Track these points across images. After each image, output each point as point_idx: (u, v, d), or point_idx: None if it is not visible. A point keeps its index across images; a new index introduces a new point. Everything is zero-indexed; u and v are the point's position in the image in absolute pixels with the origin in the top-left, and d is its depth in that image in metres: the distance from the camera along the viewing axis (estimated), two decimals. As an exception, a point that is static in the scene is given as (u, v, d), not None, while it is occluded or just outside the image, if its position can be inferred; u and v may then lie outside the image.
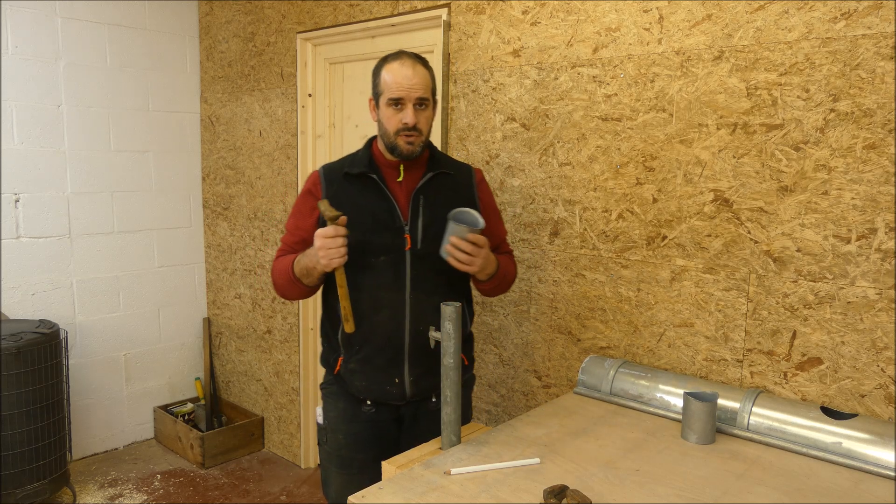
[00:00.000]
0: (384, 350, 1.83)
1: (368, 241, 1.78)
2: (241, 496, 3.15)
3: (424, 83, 1.75)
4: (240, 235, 3.64)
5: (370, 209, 1.80)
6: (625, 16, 2.02)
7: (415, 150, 1.78)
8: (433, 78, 1.81)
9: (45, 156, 3.24)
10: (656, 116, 1.98)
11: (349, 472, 1.93)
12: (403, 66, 1.74)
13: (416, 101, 1.74)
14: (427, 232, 1.81)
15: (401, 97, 1.72)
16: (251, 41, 3.41)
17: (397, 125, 1.74)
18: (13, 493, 2.74)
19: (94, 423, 3.52)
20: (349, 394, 1.91)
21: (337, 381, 1.94)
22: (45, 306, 3.29)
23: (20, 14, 3.11)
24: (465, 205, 1.81)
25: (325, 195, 1.82)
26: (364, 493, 1.40)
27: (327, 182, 1.84)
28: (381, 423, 1.93)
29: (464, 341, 1.95)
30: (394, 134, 1.76)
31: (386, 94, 1.75)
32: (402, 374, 1.85)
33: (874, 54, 1.60)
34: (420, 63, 1.77)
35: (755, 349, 1.85)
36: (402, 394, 1.86)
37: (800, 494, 1.41)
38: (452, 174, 1.88)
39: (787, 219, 1.76)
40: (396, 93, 1.72)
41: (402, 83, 1.72)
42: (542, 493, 1.35)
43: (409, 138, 1.75)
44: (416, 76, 1.73)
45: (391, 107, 1.74)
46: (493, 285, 1.88)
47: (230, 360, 3.84)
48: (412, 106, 1.73)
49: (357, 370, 1.86)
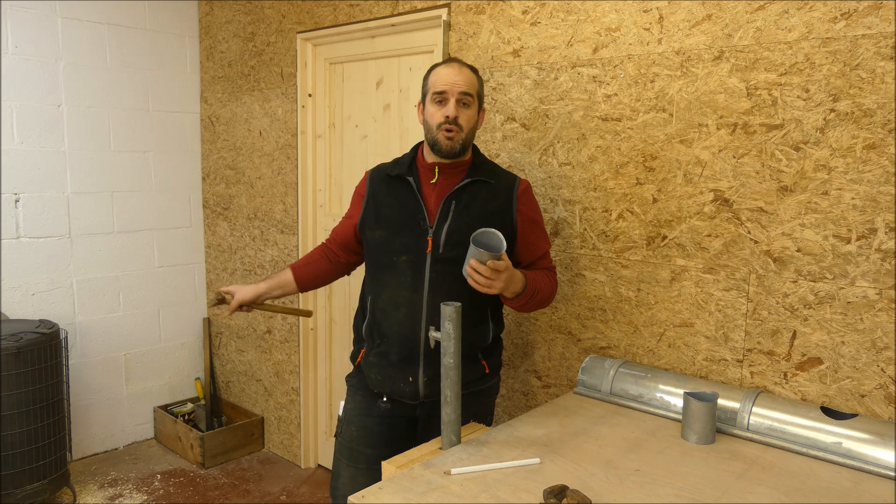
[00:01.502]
0: (400, 348, 1.87)
1: (392, 240, 1.85)
2: (241, 496, 3.15)
3: (469, 81, 1.82)
4: (240, 235, 3.64)
5: (399, 210, 1.86)
6: (625, 16, 2.02)
7: (454, 147, 1.81)
8: (481, 83, 1.88)
9: (45, 156, 3.24)
10: (656, 116, 1.98)
11: (356, 467, 1.96)
12: (450, 67, 1.83)
13: (458, 95, 1.80)
14: (451, 237, 1.81)
15: (444, 90, 1.80)
16: (251, 41, 3.41)
17: (440, 119, 1.80)
18: (13, 493, 2.74)
19: (94, 423, 3.52)
20: (367, 387, 1.96)
21: (358, 373, 2.00)
22: (45, 306, 3.29)
23: (20, 14, 3.11)
24: (499, 215, 1.84)
25: (367, 194, 1.95)
26: (364, 493, 1.40)
27: (371, 183, 1.96)
28: (395, 420, 1.95)
29: (485, 349, 1.94)
30: (436, 128, 1.81)
31: (431, 89, 1.83)
32: (416, 374, 1.88)
33: (874, 54, 1.60)
34: (467, 67, 1.86)
35: (755, 349, 1.85)
36: (415, 393, 1.89)
37: (800, 494, 1.41)
38: (492, 183, 1.87)
39: (787, 219, 1.76)
40: (440, 87, 1.80)
41: (447, 79, 1.81)
42: (542, 493, 1.35)
43: (449, 133, 1.80)
44: (461, 74, 1.82)
45: (435, 103, 1.82)
46: (521, 303, 1.82)
47: (230, 360, 3.84)
48: (454, 100, 1.80)
49: (374, 363, 1.92)
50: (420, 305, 1.84)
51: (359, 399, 1.99)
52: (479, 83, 1.87)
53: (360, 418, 1.97)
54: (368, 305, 1.93)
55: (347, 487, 1.93)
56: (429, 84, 1.84)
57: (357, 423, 1.97)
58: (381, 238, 1.87)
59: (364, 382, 1.98)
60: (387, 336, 1.88)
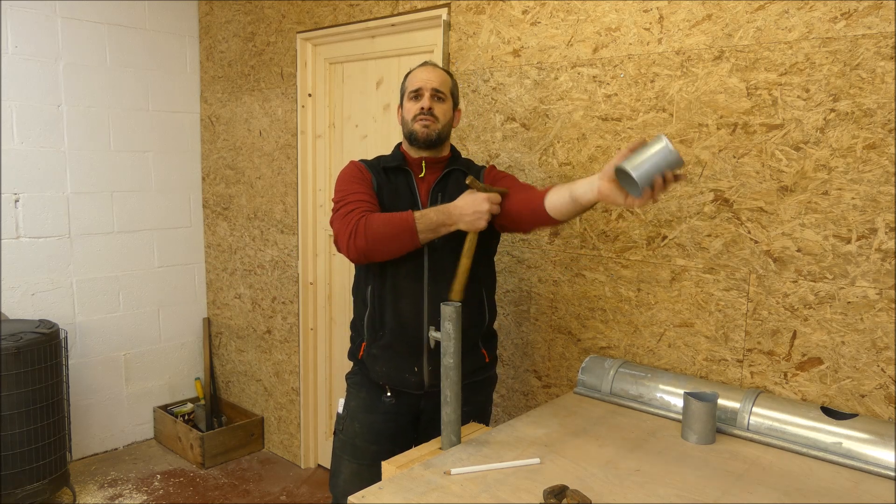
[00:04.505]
0: (404, 338, 1.89)
1: None
2: (240, 496, 3.15)
3: (442, 79, 1.92)
4: (240, 235, 3.64)
5: (399, 199, 1.90)
6: (625, 16, 2.02)
7: (430, 135, 1.88)
8: (455, 84, 1.99)
9: (45, 156, 3.23)
10: (656, 116, 1.98)
11: (360, 464, 1.96)
12: (423, 68, 1.94)
13: (432, 91, 1.89)
14: None
15: (418, 87, 1.89)
16: (251, 41, 3.41)
17: (415, 111, 1.89)
18: (13, 493, 2.74)
19: (94, 423, 3.52)
20: (371, 382, 1.97)
21: (361, 369, 2.00)
22: (45, 306, 3.29)
23: (20, 14, 3.11)
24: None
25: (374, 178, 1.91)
26: (364, 493, 1.40)
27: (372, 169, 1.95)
28: (400, 416, 1.96)
29: (484, 338, 2.00)
30: (411, 120, 1.90)
31: (407, 89, 1.93)
32: (420, 364, 1.89)
33: (874, 54, 1.60)
34: (440, 68, 1.96)
35: (755, 349, 1.85)
36: (420, 383, 1.91)
37: (800, 494, 1.41)
38: (467, 172, 1.95)
39: (788, 219, 1.76)
40: (415, 84, 1.90)
41: (421, 76, 1.91)
42: (542, 493, 1.35)
43: (424, 121, 1.88)
44: (435, 73, 1.92)
45: (411, 100, 1.91)
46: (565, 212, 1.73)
47: (230, 360, 3.84)
48: (429, 94, 1.89)
49: (379, 356, 1.92)
50: (421, 294, 1.87)
51: (363, 396, 1.99)
52: (454, 84, 1.97)
53: (365, 415, 1.98)
54: (368, 297, 1.93)
55: (349, 484, 1.94)
56: (405, 85, 1.94)
57: (361, 420, 1.98)
58: None
59: (367, 378, 1.98)
60: (391, 328, 1.90)
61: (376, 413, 1.97)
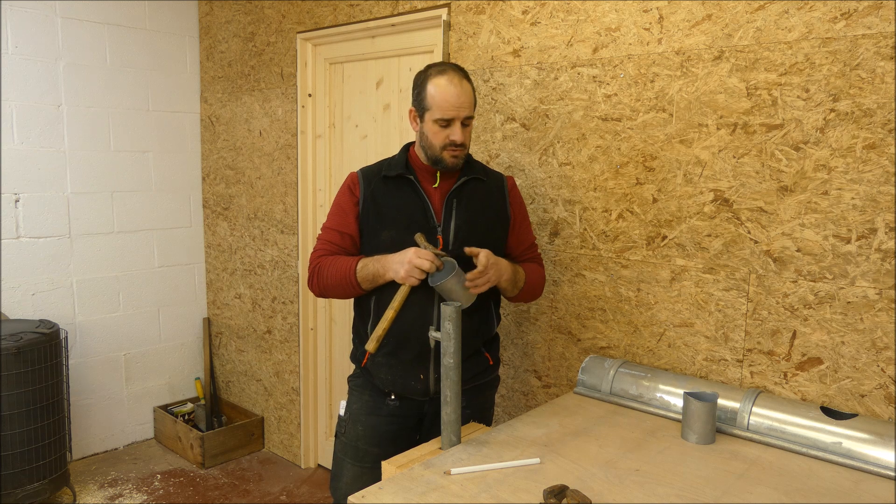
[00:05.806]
0: (411, 346, 1.87)
1: (402, 239, 1.82)
2: (241, 496, 3.15)
3: (470, 101, 1.80)
4: (240, 235, 3.64)
5: (406, 209, 1.86)
6: (625, 16, 2.02)
7: (458, 164, 1.85)
8: (475, 91, 1.86)
9: (45, 156, 3.23)
10: (656, 116, 1.98)
11: (362, 466, 1.96)
12: (451, 84, 1.76)
13: (463, 119, 1.79)
14: (458, 233, 1.85)
15: (451, 118, 1.77)
16: (251, 41, 3.41)
17: (444, 141, 1.80)
18: (13, 493, 2.74)
19: (94, 423, 3.52)
20: (375, 387, 1.96)
21: (364, 374, 1.99)
22: (45, 306, 3.29)
23: (20, 14, 3.11)
24: (497, 211, 1.93)
25: (362, 193, 1.89)
26: (364, 493, 1.40)
27: (365, 181, 1.90)
28: (403, 419, 1.96)
29: (489, 341, 2.01)
30: (440, 149, 1.81)
31: (435, 111, 1.77)
32: (427, 371, 1.89)
33: (874, 54, 1.60)
34: (465, 79, 1.81)
35: (755, 349, 1.85)
36: (425, 390, 1.90)
37: (800, 494, 1.41)
38: (485, 180, 1.93)
39: (787, 219, 1.76)
40: (447, 113, 1.76)
41: (452, 102, 1.76)
42: (542, 493, 1.35)
43: (454, 152, 1.81)
44: (464, 94, 1.77)
45: (439, 125, 1.78)
46: (518, 294, 1.96)
47: (230, 360, 3.84)
48: (460, 125, 1.78)
49: (383, 364, 1.91)
50: (432, 303, 1.85)
51: (366, 398, 1.98)
52: (475, 91, 1.87)
53: (368, 417, 1.96)
54: (372, 307, 1.90)
55: (351, 487, 1.93)
56: (429, 100, 1.78)
57: (364, 422, 1.96)
58: (391, 238, 1.84)
59: (370, 382, 1.97)
60: (397, 337, 1.86)
61: (379, 416, 1.96)
